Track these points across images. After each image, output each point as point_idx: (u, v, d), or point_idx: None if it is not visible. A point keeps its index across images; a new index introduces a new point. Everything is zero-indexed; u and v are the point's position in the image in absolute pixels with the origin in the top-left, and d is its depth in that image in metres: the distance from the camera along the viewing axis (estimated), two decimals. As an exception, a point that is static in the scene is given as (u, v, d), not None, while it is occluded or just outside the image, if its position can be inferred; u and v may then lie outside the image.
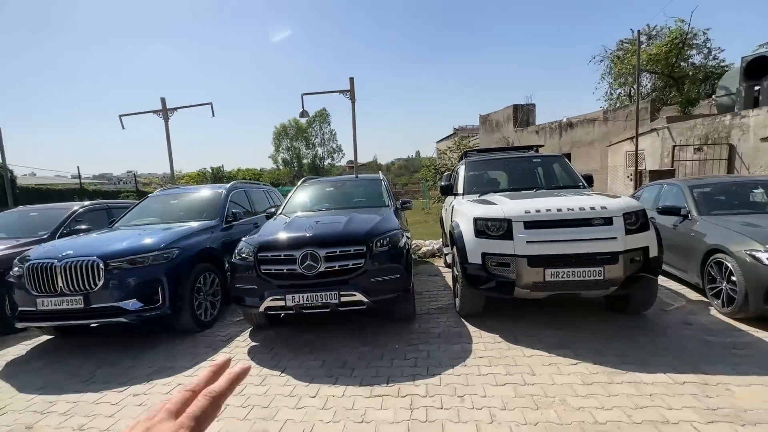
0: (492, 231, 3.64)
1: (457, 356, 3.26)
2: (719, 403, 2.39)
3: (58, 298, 3.66)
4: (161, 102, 9.49)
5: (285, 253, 3.61)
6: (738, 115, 8.17)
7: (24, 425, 2.66)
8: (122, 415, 2.69)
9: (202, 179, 36.86)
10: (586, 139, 16.13)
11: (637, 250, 3.44)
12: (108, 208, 6.39)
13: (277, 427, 2.44)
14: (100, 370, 3.45)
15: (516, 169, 5.24)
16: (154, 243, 4.07)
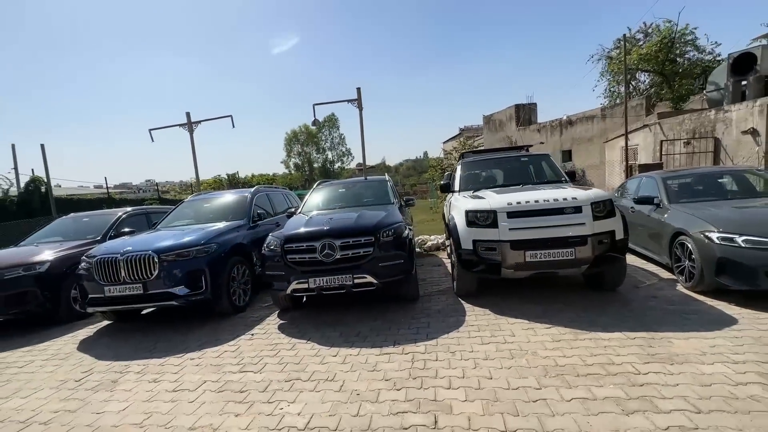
0: (480, 221, 4.29)
1: (452, 325, 3.91)
2: (658, 351, 3.00)
3: (121, 285, 4.44)
4: (186, 116, 10.36)
5: (307, 244, 4.31)
6: (722, 110, 8.61)
7: (110, 380, 3.40)
8: (185, 372, 3.41)
9: (218, 186, 38.17)
10: (585, 135, 16.55)
11: (604, 234, 4.05)
12: (147, 213, 7.23)
13: (307, 375, 3.13)
14: (159, 343, 4.20)
15: (506, 168, 5.88)
16: (196, 239, 4.82)
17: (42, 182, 14.72)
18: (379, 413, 2.50)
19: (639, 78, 18.62)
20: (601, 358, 2.96)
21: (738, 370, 2.63)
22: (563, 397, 2.48)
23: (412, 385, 2.82)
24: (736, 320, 3.47)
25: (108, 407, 2.92)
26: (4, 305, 4.88)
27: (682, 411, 2.24)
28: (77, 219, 6.91)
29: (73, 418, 2.81)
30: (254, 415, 2.61)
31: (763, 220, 3.92)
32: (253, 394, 2.90)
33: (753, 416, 2.15)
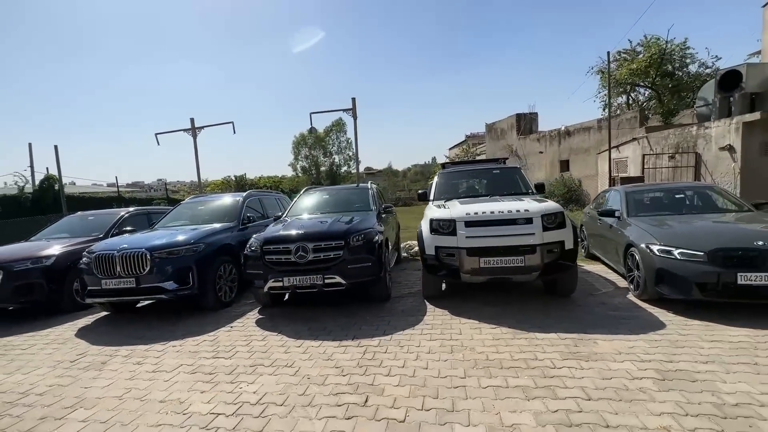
0: (442, 229, 4.66)
1: (410, 324, 4.29)
2: (581, 350, 3.34)
3: (116, 279, 4.91)
4: (190, 122, 10.94)
5: (283, 246, 4.74)
6: (702, 126, 8.85)
7: (100, 362, 3.85)
8: (166, 357, 3.84)
9: (226, 187, 39.02)
10: (582, 146, 16.77)
11: (554, 243, 4.39)
12: (148, 213, 7.74)
13: (270, 362, 3.53)
14: (148, 332, 4.64)
15: (478, 179, 6.25)
16: (186, 239, 5.28)
17: (55, 180, 15.49)
18: (321, 393, 2.90)
19: (639, 91, 18.81)
20: (528, 354, 3.31)
21: (641, 367, 2.96)
22: (480, 385, 2.85)
23: (357, 372, 3.21)
24: (665, 326, 3.78)
25: (95, 383, 3.36)
26: (13, 295, 5.38)
27: (575, 398, 2.59)
28: (83, 217, 7.45)
29: (63, 391, 3.25)
30: (216, 392, 3.03)
31: (701, 235, 4.23)
32: (219, 376, 3.32)
33: (632, 403, 2.49)
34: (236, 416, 2.67)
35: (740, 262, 3.79)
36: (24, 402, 3.10)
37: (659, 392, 2.60)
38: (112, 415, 2.79)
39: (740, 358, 3.03)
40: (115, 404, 2.96)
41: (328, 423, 2.51)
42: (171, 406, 2.87)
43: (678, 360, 3.05)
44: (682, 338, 3.46)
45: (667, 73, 16.24)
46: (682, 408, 2.40)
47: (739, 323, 3.69)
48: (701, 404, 2.44)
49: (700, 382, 2.70)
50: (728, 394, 2.54)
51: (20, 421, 2.80)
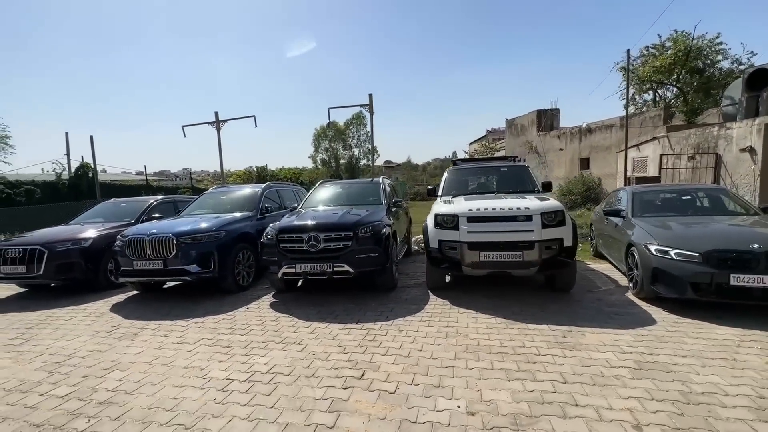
0: (446, 224, 4.90)
1: (411, 311, 4.57)
2: (568, 340, 3.54)
3: (146, 261, 5.40)
4: (215, 115, 11.48)
5: (296, 235, 5.10)
6: (724, 127, 8.65)
7: (132, 333, 4.32)
8: (189, 331, 4.27)
9: (248, 178, 40.12)
10: (603, 144, 16.47)
11: (553, 240, 4.57)
12: (174, 201, 8.29)
13: (281, 339, 3.90)
14: (174, 310, 5.10)
15: (486, 177, 6.43)
16: (209, 226, 5.72)
17: (89, 168, 16.47)
18: (323, 367, 3.23)
19: (667, 87, 18.20)
20: (517, 342, 3.54)
21: (621, 357, 3.15)
22: (467, 366, 3.11)
23: (357, 350, 3.53)
24: (655, 322, 3.93)
25: (128, 350, 3.81)
26: (55, 272, 5.96)
27: (552, 381, 2.82)
28: (116, 203, 8.06)
29: (102, 356, 3.71)
30: (232, 363, 3.41)
31: (697, 236, 4.31)
32: (235, 349, 3.70)
33: (604, 388, 2.70)
34: (249, 382, 3.04)
35: (734, 263, 3.88)
36: (69, 363, 3.58)
37: (632, 380, 2.80)
38: (143, 377, 3.22)
39: (720, 354, 3.17)
40: (146, 368, 3.38)
41: (327, 391, 2.84)
42: (193, 371, 3.27)
43: (659, 353, 3.22)
44: (669, 334, 3.61)
45: (696, 70, 15.68)
46: (650, 394, 2.60)
47: (728, 322, 3.80)
48: (669, 392, 2.63)
49: (674, 373, 2.88)
50: (698, 384, 2.71)
51: (67, 378, 3.26)
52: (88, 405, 2.82)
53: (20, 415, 2.72)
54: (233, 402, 2.76)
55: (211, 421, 2.54)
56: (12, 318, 5.08)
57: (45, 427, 2.57)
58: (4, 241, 6.54)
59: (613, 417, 2.37)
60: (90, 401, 2.87)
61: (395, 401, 2.67)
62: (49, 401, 2.90)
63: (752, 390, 2.61)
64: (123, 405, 2.79)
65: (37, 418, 2.68)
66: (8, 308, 5.58)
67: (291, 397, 2.78)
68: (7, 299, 6.16)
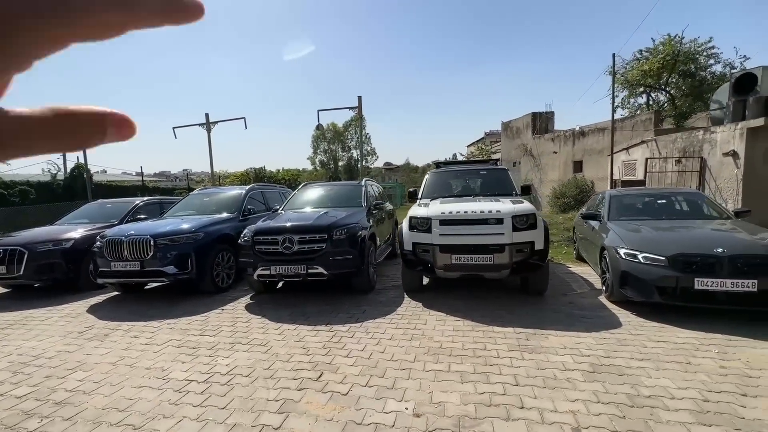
0: (420, 226, 4.93)
1: (383, 313, 4.59)
2: (530, 343, 3.56)
3: (124, 262, 5.43)
4: (205, 117, 11.54)
5: (272, 237, 5.13)
6: (708, 131, 8.68)
7: (103, 334, 4.34)
8: (159, 333, 4.30)
9: (245, 179, 40.18)
10: (596, 147, 16.49)
11: (524, 243, 4.59)
12: (161, 203, 8.33)
13: (247, 341, 3.92)
14: (149, 311, 5.13)
15: (465, 180, 6.46)
16: (188, 228, 5.75)
17: (84, 169, 16.52)
18: (283, 368, 3.26)
19: (662, 91, 18.22)
20: (479, 345, 3.56)
21: (578, 360, 3.17)
22: (425, 368, 3.13)
23: (320, 352, 3.55)
24: (621, 325, 3.94)
25: (95, 351, 3.84)
26: (35, 273, 5.99)
27: (504, 384, 2.84)
28: (102, 205, 8.09)
29: (68, 356, 3.74)
30: (195, 364, 3.43)
31: (665, 240, 4.33)
32: (201, 351, 3.73)
33: (554, 390, 2.72)
34: (206, 383, 3.06)
35: (699, 267, 3.90)
36: (35, 363, 3.60)
37: (584, 383, 2.82)
38: (104, 377, 3.24)
39: (676, 357, 3.19)
40: (109, 369, 3.41)
41: (281, 392, 2.86)
42: (154, 372, 3.30)
43: (616, 356, 3.24)
44: (631, 337, 3.63)
45: (687, 74, 15.71)
46: (597, 396, 2.62)
47: (691, 326, 3.81)
48: (616, 394, 2.65)
49: (626, 376, 2.90)
50: (647, 387, 2.73)
51: (29, 378, 3.29)
52: (44, 405, 2.84)
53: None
54: (187, 403, 2.78)
55: (161, 421, 2.57)
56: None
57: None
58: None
59: (555, 419, 2.39)
60: (47, 401, 2.89)
61: (346, 403, 2.69)
62: (6, 401, 2.92)
63: (699, 393, 2.63)
64: (78, 405, 2.82)
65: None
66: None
67: (245, 398, 2.80)
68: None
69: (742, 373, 2.90)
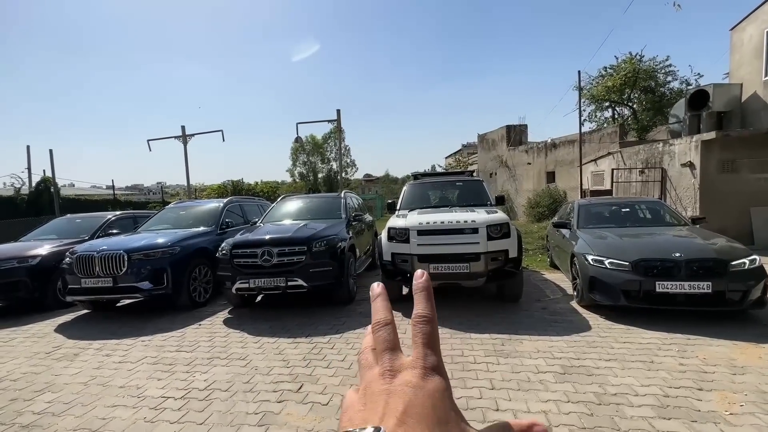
0: (398, 237, 5.03)
1: (363, 324, 4.63)
2: (505, 348, 3.68)
3: (95, 278, 5.26)
4: (181, 129, 11.37)
5: (250, 250, 5.11)
6: (668, 143, 9.27)
7: (73, 353, 4.19)
8: (133, 350, 4.18)
9: (222, 192, 39.42)
10: (567, 158, 17.21)
11: (498, 252, 4.76)
12: (134, 217, 8.12)
13: (226, 355, 3.88)
14: (122, 329, 4.98)
15: (442, 191, 6.65)
16: (163, 242, 5.64)
17: (51, 183, 15.87)
18: (263, 381, 3.25)
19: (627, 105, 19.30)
20: (456, 351, 3.66)
21: (550, 363, 3.31)
22: (404, 376, 3.19)
23: (300, 364, 3.55)
24: (590, 328, 4.14)
25: (65, 371, 3.70)
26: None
27: (480, 388, 2.94)
28: (71, 220, 7.82)
29: (36, 378, 3.59)
30: (171, 380, 3.37)
31: (629, 247, 4.60)
32: (178, 367, 3.66)
33: (528, 392, 2.84)
34: (184, 399, 3.02)
35: (659, 271, 4.16)
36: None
37: (555, 384, 2.95)
38: (75, 398, 3.14)
39: (640, 356, 3.38)
40: (80, 389, 3.30)
41: (261, 405, 2.86)
42: (128, 390, 3.22)
43: (585, 358, 3.40)
44: (600, 339, 3.81)
45: (649, 89, 16.73)
46: (567, 396, 2.76)
47: (655, 327, 4.04)
48: (585, 393, 2.79)
49: (594, 376, 3.05)
50: (613, 386, 2.89)
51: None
52: (10, 428, 2.73)
53: (-67, 443, 2.61)
54: (164, 420, 2.74)
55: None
56: (-55, 341, 4.83)
57: (-42, 453, 2.47)
58: (-56, 260, 6.22)
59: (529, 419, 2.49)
60: (12, 425, 2.78)
61: (326, 413, 2.71)
62: (-32, 426, 2.79)
63: (660, 390, 2.80)
64: (47, 428, 2.72)
65: (-48, 444, 2.58)
66: (-57, 331, 5.30)
67: (224, 413, 2.78)
68: (-56, 322, 5.83)
69: (699, 370, 3.10)
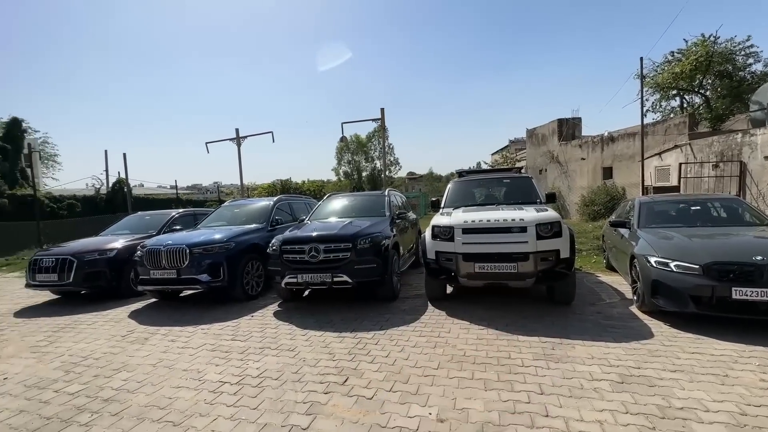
0: (442, 235, 4.97)
1: (406, 322, 4.65)
2: (555, 353, 3.52)
3: (162, 270, 5.76)
4: (235, 132, 12.09)
5: (298, 246, 5.31)
6: (748, 134, 8.26)
7: (143, 338, 4.62)
8: (194, 337, 4.53)
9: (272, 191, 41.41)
10: (627, 153, 15.97)
11: (549, 252, 4.54)
12: (194, 214, 8.77)
13: (276, 346, 4.07)
14: (184, 317, 5.41)
15: (488, 188, 6.46)
16: (220, 238, 6.04)
17: (124, 184, 17.60)
18: (311, 372, 3.37)
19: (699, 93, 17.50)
20: (503, 353, 3.55)
21: (606, 371, 3.11)
22: (448, 376, 3.16)
23: (345, 358, 3.64)
24: (652, 336, 3.82)
25: (137, 353, 4.10)
26: (83, 280, 6.44)
27: (529, 392, 2.83)
28: (142, 217, 8.62)
29: (113, 358, 4.01)
30: (227, 367, 3.61)
31: (699, 248, 4.17)
32: (233, 355, 3.91)
33: (580, 400, 2.69)
34: (239, 384, 3.22)
35: (736, 276, 3.74)
36: (84, 363, 3.89)
37: (611, 393, 2.77)
38: (145, 377, 3.46)
39: (712, 369, 3.07)
40: (149, 370, 3.64)
41: (309, 395, 2.97)
42: (190, 374, 3.49)
43: (647, 367, 3.15)
44: (663, 348, 3.51)
45: (725, 74, 15.02)
46: (625, 407, 2.57)
47: (730, 338, 3.65)
48: (646, 405, 2.58)
49: (657, 388, 2.82)
50: (679, 399, 2.65)
51: (79, 377, 3.56)
52: (94, 401, 3.07)
53: (34, 409, 3.01)
54: (221, 403, 2.94)
55: (197, 419, 2.73)
56: (42, 322, 5.54)
57: (53, 420, 2.83)
58: (40, 251, 7.13)
59: (581, 429, 2.36)
60: (96, 398, 3.13)
61: (371, 406, 2.76)
62: (61, 397, 3.18)
63: (736, 407, 2.53)
64: (123, 402, 3.03)
65: (48, 412, 2.96)
66: (41, 313, 6.08)
67: (274, 400, 2.93)
68: (42, 305, 6.68)
69: (785, 387, 2.76)
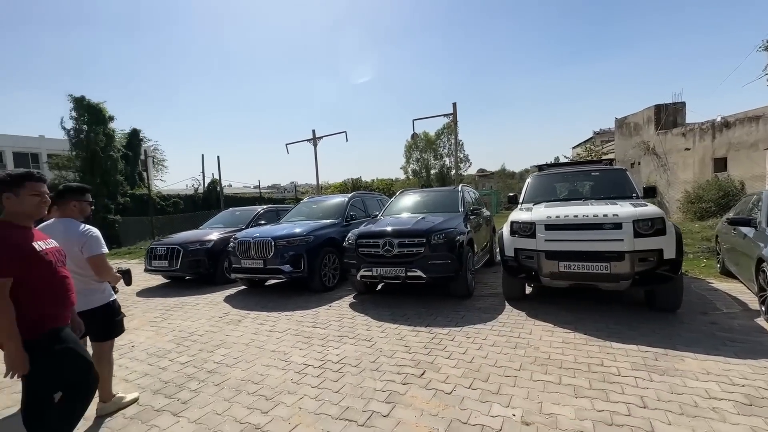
0: (522, 231, 4.71)
1: (483, 320, 4.49)
2: (659, 364, 3.11)
3: (251, 260, 6.32)
4: (312, 133, 12.82)
5: (373, 240, 5.44)
6: None
7: (237, 320, 5.12)
8: (279, 322, 4.89)
9: (344, 189, 43.23)
10: (747, 140, 13.54)
11: (649, 252, 4.04)
12: (277, 210, 9.48)
13: (353, 335, 4.22)
14: (270, 304, 5.87)
15: (574, 182, 5.93)
16: (300, 231, 6.44)
17: (217, 184, 19.73)
18: (388, 363, 3.43)
19: None
20: (595, 360, 3.25)
21: (727, 390, 2.67)
22: (532, 378, 2.98)
23: (422, 351, 3.64)
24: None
25: (232, 333, 4.55)
26: (188, 267, 7.34)
27: (628, 404, 2.54)
28: (233, 212, 9.56)
29: (213, 336, 4.51)
30: (310, 351, 3.83)
31: None
32: (314, 341, 4.14)
33: (695, 419, 2.34)
34: (321, 368, 3.40)
35: None
36: (191, 339, 4.43)
37: (737, 415, 2.37)
38: (240, 355, 3.83)
39: None
40: (243, 349, 4.01)
41: (387, 384, 3.02)
42: (278, 355, 3.78)
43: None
44: (806, 370, 2.91)
45: None
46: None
47: None
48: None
49: (800, 415, 2.34)
50: (833, 431, 2.17)
51: (188, 350, 4.06)
52: (200, 371, 3.48)
53: (155, 373, 3.50)
54: (306, 383, 3.13)
55: (286, 396, 2.94)
56: (157, 302, 6.43)
57: (170, 384, 3.27)
58: (155, 242, 8.29)
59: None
60: (201, 369, 3.54)
61: (450, 401, 2.72)
62: (174, 365, 3.66)
63: None
64: (224, 375, 3.38)
65: (166, 376, 3.42)
66: (156, 294, 7.06)
67: (354, 386, 3.03)
68: (156, 287, 7.77)
69: None
